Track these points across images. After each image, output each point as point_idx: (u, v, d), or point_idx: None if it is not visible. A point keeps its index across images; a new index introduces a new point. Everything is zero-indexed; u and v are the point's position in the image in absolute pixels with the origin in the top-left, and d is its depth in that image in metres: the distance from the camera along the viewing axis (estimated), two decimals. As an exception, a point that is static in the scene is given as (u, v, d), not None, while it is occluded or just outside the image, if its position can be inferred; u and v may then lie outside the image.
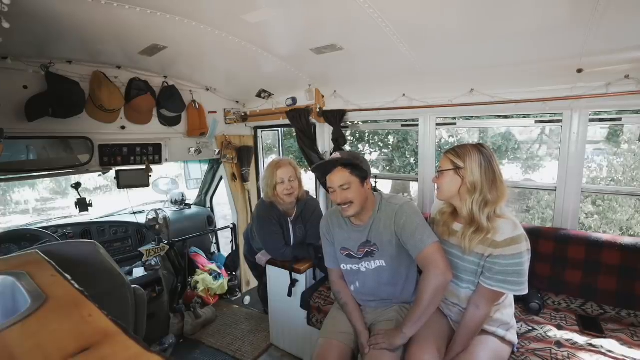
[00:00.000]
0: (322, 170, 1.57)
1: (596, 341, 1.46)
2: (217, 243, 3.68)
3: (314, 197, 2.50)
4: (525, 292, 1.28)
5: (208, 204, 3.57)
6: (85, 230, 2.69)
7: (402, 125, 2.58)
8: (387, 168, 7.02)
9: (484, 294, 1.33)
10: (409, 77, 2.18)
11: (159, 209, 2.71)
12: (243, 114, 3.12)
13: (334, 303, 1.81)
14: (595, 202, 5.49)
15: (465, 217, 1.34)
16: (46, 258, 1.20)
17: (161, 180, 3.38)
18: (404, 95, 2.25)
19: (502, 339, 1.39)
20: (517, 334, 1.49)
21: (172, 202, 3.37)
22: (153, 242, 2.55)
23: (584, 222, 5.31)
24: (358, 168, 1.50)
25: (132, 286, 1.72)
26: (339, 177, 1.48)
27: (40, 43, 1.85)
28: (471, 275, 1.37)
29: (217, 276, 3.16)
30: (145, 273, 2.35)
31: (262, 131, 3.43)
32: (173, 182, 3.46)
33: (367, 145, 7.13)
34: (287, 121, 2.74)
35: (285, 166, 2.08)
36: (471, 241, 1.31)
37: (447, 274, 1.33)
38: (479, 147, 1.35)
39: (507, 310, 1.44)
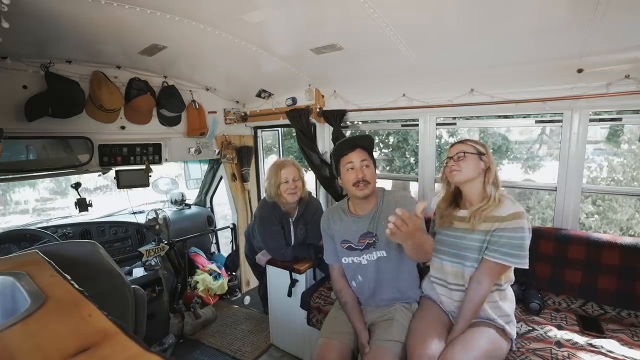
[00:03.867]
0: (343, 148, 1.60)
1: (596, 341, 1.46)
2: (217, 243, 3.68)
3: (315, 197, 2.49)
4: (526, 266, 1.34)
5: (208, 204, 3.57)
6: (85, 230, 2.69)
7: (402, 125, 2.58)
8: (387, 168, 7.03)
9: (487, 269, 1.38)
10: (409, 77, 2.18)
11: (159, 209, 2.71)
12: (243, 114, 3.12)
13: (334, 303, 1.81)
14: (596, 202, 5.50)
15: (485, 196, 1.44)
16: (46, 258, 1.20)
17: (161, 180, 3.38)
18: (404, 95, 2.25)
19: (502, 331, 1.41)
20: (517, 333, 1.49)
21: (172, 202, 3.36)
22: (153, 242, 2.54)
23: (584, 222, 5.31)
24: (372, 155, 1.62)
25: (132, 286, 1.71)
26: (360, 154, 1.57)
27: (40, 43, 1.85)
28: (476, 252, 1.41)
29: (217, 276, 3.16)
30: (145, 273, 2.35)
31: (262, 131, 3.42)
32: (173, 182, 3.46)
33: (368, 145, 7.13)
34: (287, 121, 2.73)
35: (289, 166, 2.09)
36: (481, 218, 1.40)
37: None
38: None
39: (507, 303, 1.47)
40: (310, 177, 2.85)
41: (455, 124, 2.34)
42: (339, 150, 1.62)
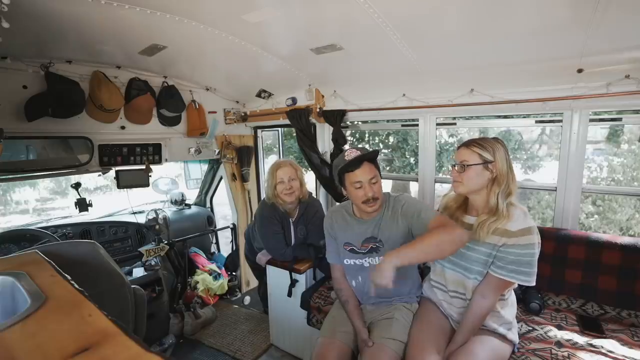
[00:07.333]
0: (349, 166, 1.49)
1: (596, 341, 1.46)
2: (217, 243, 3.67)
3: (315, 197, 2.49)
4: (534, 283, 1.30)
5: (208, 204, 3.57)
6: (85, 230, 2.69)
7: (402, 125, 2.58)
8: (387, 168, 7.02)
9: (493, 284, 1.34)
10: (409, 77, 2.18)
11: (159, 209, 2.71)
12: (243, 114, 3.12)
13: (334, 302, 1.81)
14: (595, 202, 5.48)
15: (491, 207, 1.35)
16: (46, 258, 1.20)
17: (161, 180, 3.37)
18: (404, 95, 2.24)
19: (504, 338, 1.40)
20: (518, 334, 1.49)
21: (172, 202, 3.36)
22: (153, 242, 2.54)
23: (584, 222, 5.30)
24: (377, 164, 1.55)
25: (132, 286, 1.72)
26: (368, 170, 1.48)
27: (40, 43, 1.85)
28: (480, 266, 1.37)
29: (217, 276, 3.16)
30: (145, 273, 2.35)
31: (262, 131, 3.42)
32: (173, 182, 3.45)
33: (367, 145, 7.14)
34: (287, 121, 2.73)
35: (285, 166, 2.09)
36: (488, 231, 1.32)
37: (464, 234, 1.30)
38: (499, 140, 1.37)
39: (509, 309, 1.45)
40: (310, 177, 2.85)
41: (455, 124, 2.34)
42: (345, 169, 1.50)
